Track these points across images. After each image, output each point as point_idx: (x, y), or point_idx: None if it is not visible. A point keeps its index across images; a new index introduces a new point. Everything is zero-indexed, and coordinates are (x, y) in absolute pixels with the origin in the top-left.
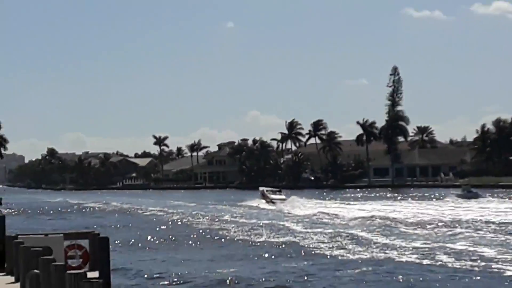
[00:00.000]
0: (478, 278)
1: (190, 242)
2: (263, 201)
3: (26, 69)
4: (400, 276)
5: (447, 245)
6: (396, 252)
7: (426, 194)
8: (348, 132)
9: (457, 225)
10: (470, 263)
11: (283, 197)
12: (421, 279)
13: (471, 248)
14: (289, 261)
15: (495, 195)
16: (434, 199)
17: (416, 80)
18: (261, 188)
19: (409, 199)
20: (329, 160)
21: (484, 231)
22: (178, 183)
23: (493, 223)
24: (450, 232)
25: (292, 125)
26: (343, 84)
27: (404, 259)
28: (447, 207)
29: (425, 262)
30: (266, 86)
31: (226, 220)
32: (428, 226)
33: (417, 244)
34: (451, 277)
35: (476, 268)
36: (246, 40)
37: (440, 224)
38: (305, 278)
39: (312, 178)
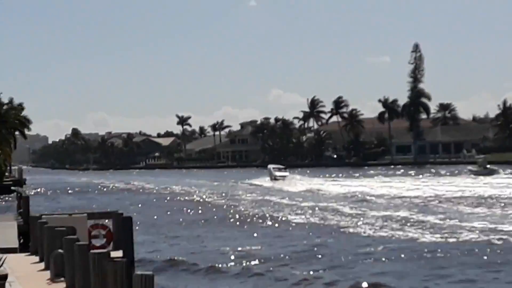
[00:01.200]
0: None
1: (208, 221)
2: (268, 178)
3: (50, 49)
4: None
5: (427, 218)
6: (352, 221)
7: (441, 171)
8: (370, 109)
9: (449, 201)
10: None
11: (285, 174)
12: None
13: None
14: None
15: None
16: (448, 175)
17: (438, 56)
18: (269, 166)
19: (409, 176)
20: (351, 138)
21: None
22: (201, 162)
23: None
24: (433, 207)
25: (313, 103)
26: (365, 62)
27: (361, 229)
28: (446, 184)
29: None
30: (288, 65)
31: (222, 197)
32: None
33: (380, 218)
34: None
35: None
36: (268, 18)
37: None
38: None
39: (335, 156)
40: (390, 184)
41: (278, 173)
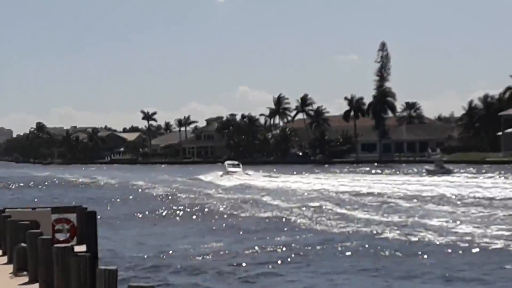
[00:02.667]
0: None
1: (171, 216)
2: (220, 173)
3: (14, 43)
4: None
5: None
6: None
7: (399, 170)
8: (337, 107)
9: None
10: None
11: (238, 169)
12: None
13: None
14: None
15: (476, 170)
16: (402, 174)
17: (404, 55)
18: (225, 162)
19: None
20: (317, 136)
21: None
22: (166, 157)
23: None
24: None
25: (279, 100)
26: (332, 60)
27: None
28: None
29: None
30: (255, 62)
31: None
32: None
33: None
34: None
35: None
36: (236, 15)
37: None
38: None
39: (300, 154)
40: (329, 180)
41: (231, 169)
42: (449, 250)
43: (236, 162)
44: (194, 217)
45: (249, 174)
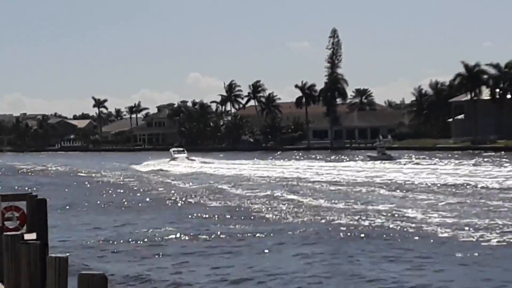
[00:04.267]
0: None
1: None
2: (167, 159)
3: None
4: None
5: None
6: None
7: (342, 156)
8: (289, 94)
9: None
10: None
11: (183, 155)
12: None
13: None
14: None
15: (421, 157)
16: (344, 161)
17: (356, 42)
18: (171, 149)
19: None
20: (268, 122)
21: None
22: (117, 145)
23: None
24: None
25: (231, 87)
26: (285, 46)
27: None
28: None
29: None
30: (207, 48)
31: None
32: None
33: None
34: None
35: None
36: (188, 2)
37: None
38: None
39: (252, 140)
40: (273, 167)
41: (176, 155)
42: (396, 235)
43: (181, 149)
44: (144, 204)
45: (193, 160)
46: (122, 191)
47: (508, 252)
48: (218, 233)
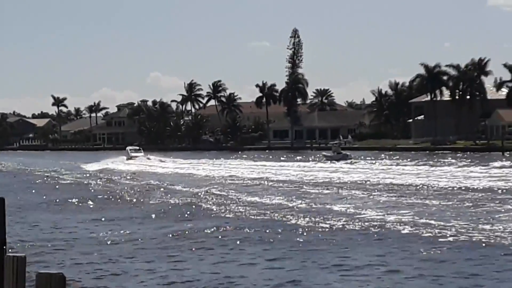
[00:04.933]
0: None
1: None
2: (124, 158)
3: None
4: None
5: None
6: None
7: (294, 156)
8: (249, 94)
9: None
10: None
11: (140, 154)
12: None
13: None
14: None
15: (376, 157)
16: (296, 161)
17: (317, 42)
18: (127, 148)
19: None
20: (229, 122)
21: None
22: (76, 144)
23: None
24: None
25: (191, 87)
26: (245, 46)
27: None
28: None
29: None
30: (167, 47)
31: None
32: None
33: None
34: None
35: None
36: (148, 1)
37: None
38: None
39: (212, 140)
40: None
41: (133, 153)
42: (352, 235)
43: (137, 148)
44: (101, 203)
45: (150, 159)
46: (67, 190)
47: (464, 251)
48: (156, 233)
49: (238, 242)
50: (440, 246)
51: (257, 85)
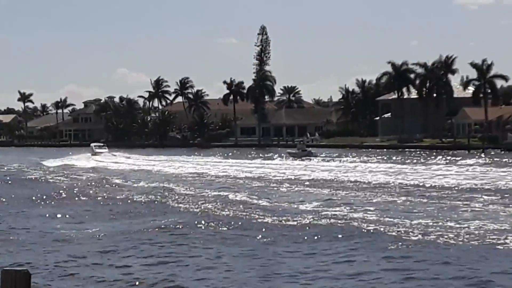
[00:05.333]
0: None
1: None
2: (88, 154)
3: None
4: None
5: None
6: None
7: (261, 154)
8: (217, 91)
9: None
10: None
11: (104, 150)
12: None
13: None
14: None
15: (344, 154)
16: (261, 158)
17: (284, 40)
18: (92, 144)
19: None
20: (196, 119)
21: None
22: (43, 140)
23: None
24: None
25: (158, 83)
26: (213, 43)
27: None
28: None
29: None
30: (134, 44)
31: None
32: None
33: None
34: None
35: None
36: None
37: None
38: None
39: (179, 137)
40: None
41: (98, 150)
42: (316, 233)
43: (101, 144)
44: (57, 199)
45: (115, 155)
46: (24, 185)
47: (428, 248)
48: (108, 229)
49: (201, 241)
50: (405, 243)
51: (224, 82)
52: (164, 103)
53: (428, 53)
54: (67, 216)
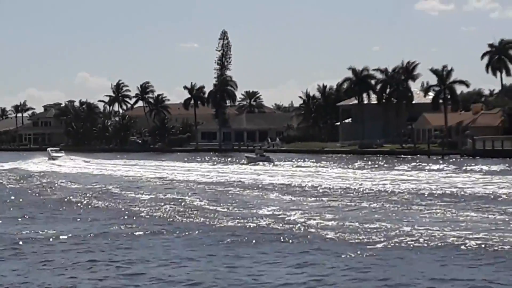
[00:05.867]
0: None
1: None
2: (46, 158)
3: None
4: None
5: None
6: None
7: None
8: (178, 95)
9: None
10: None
11: (61, 154)
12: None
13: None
14: None
15: (303, 159)
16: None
17: (246, 44)
18: (48, 149)
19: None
20: (157, 124)
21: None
22: (2, 144)
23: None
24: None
25: (118, 87)
26: (174, 47)
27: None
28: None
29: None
30: (96, 47)
31: None
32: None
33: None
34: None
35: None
36: (76, 1)
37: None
38: None
39: (140, 141)
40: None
41: (54, 154)
42: (272, 238)
43: (58, 148)
44: (20, 201)
45: (72, 159)
46: None
47: (386, 253)
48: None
49: (160, 243)
50: (362, 249)
51: (185, 87)
52: (124, 107)
53: (390, 59)
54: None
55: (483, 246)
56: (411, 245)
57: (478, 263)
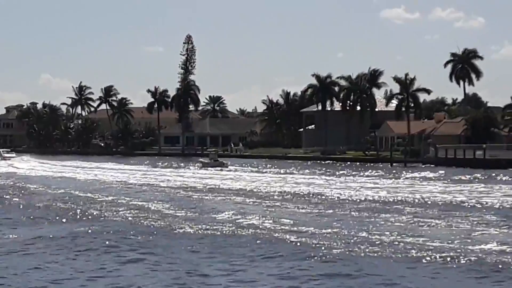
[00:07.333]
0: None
1: None
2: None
3: None
4: None
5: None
6: None
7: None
8: (141, 99)
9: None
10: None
11: (12, 155)
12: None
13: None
14: None
15: (270, 165)
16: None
17: (210, 49)
18: (0, 150)
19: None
20: (120, 127)
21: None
22: None
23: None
24: None
25: (81, 90)
26: (138, 50)
27: None
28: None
29: None
30: (59, 49)
31: None
32: None
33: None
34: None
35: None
36: (41, 1)
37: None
38: None
39: (102, 145)
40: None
41: (6, 155)
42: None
43: (9, 150)
44: None
45: (23, 160)
46: None
47: (341, 260)
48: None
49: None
50: (319, 253)
51: (148, 91)
52: (88, 110)
53: (355, 66)
54: None
55: (444, 254)
56: (370, 252)
57: (438, 271)
